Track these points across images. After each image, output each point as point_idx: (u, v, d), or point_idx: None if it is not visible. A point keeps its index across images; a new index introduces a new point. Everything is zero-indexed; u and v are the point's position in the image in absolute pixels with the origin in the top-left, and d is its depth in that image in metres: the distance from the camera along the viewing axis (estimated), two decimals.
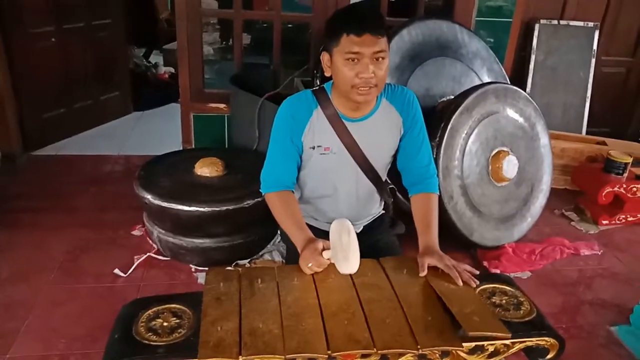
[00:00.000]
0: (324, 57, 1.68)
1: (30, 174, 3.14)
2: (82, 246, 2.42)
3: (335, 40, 1.60)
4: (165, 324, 1.48)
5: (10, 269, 2.21)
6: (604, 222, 2.92)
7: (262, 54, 4.93)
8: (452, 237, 2.38)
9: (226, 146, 3.28)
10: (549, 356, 1.61)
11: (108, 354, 1.42)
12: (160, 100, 4.72)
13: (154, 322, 1.49)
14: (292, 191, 1.82)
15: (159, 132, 3.98)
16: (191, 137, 3.31)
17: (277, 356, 1.36)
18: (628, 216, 2.93)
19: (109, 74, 4.07)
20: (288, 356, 1.36)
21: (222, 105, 3.25)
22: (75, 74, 3.75)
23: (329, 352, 1.38)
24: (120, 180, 3.13)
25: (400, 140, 1.84)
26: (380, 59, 1.60)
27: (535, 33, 3.55)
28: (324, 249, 1.59)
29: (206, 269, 2.27)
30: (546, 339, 1.58)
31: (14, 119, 3.25)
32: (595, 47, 3.63)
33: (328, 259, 1.60)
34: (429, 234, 1.68)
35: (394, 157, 1.89)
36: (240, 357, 1.34)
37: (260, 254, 2.36)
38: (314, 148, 1.77)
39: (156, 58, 5.99)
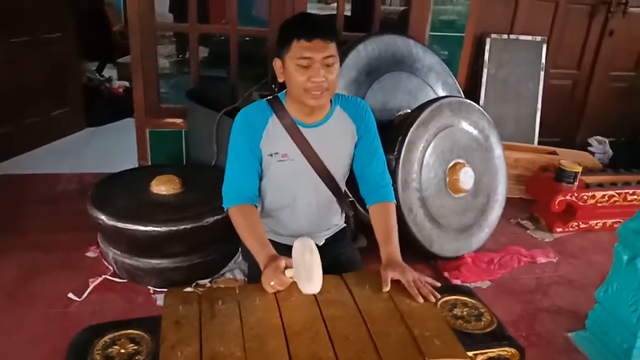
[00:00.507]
0: (277, 63, 1.70)
1: None
2: (33, 270, 2.31)
3: (287, 46, 1.63)
4: (122, 351, 1.43)
5: None
6: (558, 229, 3.01)
7: (219, 67, 4.88)
8: (412, 248, 2.40)
9: (184, 162, 3.22)
10: None
11: None
12: (115, 115, 4.59)
13: (110, 350, 1.43)
14: (255, 204, 1.80)
15: (114, 148, 3.86)
16: (147, 153, 3.23)
17: None
18: (580, 223, 3.03)
19: (60, 89, 3.95)
20: None
21: (179, 120, 3.19)
22: (25, 90, 3.61)
23: None
24: (73, 199, 3.01)
25: (355, 148, 1.87)
26: (331, 63, 1.63)
27: (487, 47, 3.65)
28: (286, 267, 1.58)
29: (165, 290, 2.21)
30: (507, 349, 1.61)
31: None
32: (543, 60, 3.77)
33: (291, 277, 1.58)
34: (390, 245, 1.69)
35: (351, 166, 1.91)
36: None
37: (222, 272, 2.32)
38: (271, 155, 1.78)
39: (110, 72, 5.85)
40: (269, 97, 1.82)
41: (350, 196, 2.35)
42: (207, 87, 3.34)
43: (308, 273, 1.56)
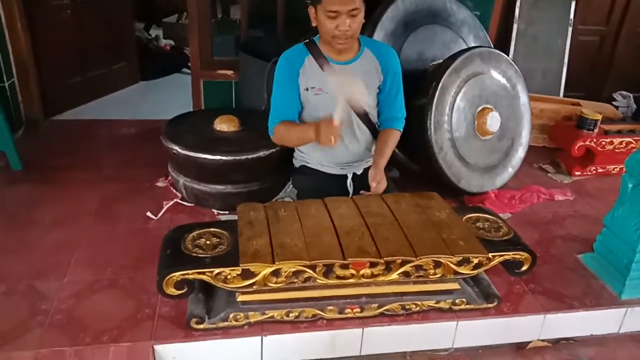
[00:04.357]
0: (311, 10, 2.04)
1: (54, 137, 3.39)
2: (112, 196, 2.68)
3: None
4: (207, 242, 1.80)
5: (52, 216, 2.47)
6: (577, 173, 3.24)
7: (259, 27, 5.16)
8: (442, 184, 2.69)
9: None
10: (523, 268, 1.96)
11: (162, 264, 1.73)
12: (164, 70, 4.97)
13: (198, 241, 1.80)
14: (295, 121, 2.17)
15: (166, 99, 4.23)
16: (201, 101, 3.58)
17: (304, 261, 1.68)
18: (598, 168, 3.25)
19: (118, 45, 4.30)
20: (312, 262, 1.69)
21: (229, 72, 3.51)
22: (89, 45, 3.98)
23: (344, 259, 1.71)
24: (137, 141, 3.40)
25: (380, 83, 2.20)
26: (355, 14, 1.96)
27: (518, 4, 3.82)
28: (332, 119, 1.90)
29: (227, 212, 2.58)
30: (521, 253, 1.92)
31: (36, 86, 3.47)
32: (572, 16, 3.93)
33: (340, 119, 1.90)
34: (381, 159, 2.12)
35: (377, 100, 2.24)
36: (274, 263, 1.67)
37: (274, 199, 2.65)
38: (307, 90, 2.13)
39: (155, 31, 6.17)
40: (305, 41, 2.16)
41: None
42: (255, 42, 3.63)
43: (348, 85, 1.89)
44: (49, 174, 2.86)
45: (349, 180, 2.33)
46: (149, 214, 2.52)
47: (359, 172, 2.35)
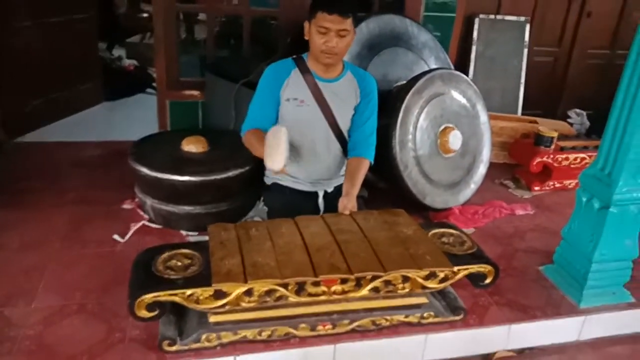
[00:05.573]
0: (306, 25, 2.15)
1: (18, 160, 3.31)
2: (80, 219, 2.64)
3: (314, 13, 2.07)
4: (179, 263, 1.81)
5: (20, 241, 2.42)
6: (536, 188, 3.37)
7: (225, 47, 5.20)
8: (408, 200, 2.76)
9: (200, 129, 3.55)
10: (487, 281, 2.03)
11: (133, 287, 1.72)
12: (128, 91, 4.93)
13: (169, 263, 1.81)
14: (264, 131, 2.16)
15: (131, 120, 4.19)
16: (167, 122, 3.57)
17: (276, 279, 1.71)
18: (556, 183, 3.39)
19: (82, 66, 4.26)
20: (284, 280, 1.72)
21: (196, 92, 3.52)
22: (52, 66, 3.92)
23: (316, 277, 1.74)
24: (102, 163, 3.35)
25: (356, 104, 2.29)
26: (344, 35, 2.08)
27: (475, 27, 3.99)
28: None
29: (196, 233, 2.58)
30: (484, 266, 2.00)
31: None
32: (527, 38, 4.12)
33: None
34: (352, 187, 2.14)
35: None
36: (247, 282, 1.69)
37: (244, 219, 2.67)
38: (289, 100, 2.21)
39: (118, 51, 6.14)
40: (294, 56, 2.25)
41: None
42: (222, 63, 3.66)
43: (270, 150, 1.94)
44: (13, 198, 2.80)
45: (320, 199, 2.38)
46: (116, 236, 2.50)
47: (329, 190, 2.41)
